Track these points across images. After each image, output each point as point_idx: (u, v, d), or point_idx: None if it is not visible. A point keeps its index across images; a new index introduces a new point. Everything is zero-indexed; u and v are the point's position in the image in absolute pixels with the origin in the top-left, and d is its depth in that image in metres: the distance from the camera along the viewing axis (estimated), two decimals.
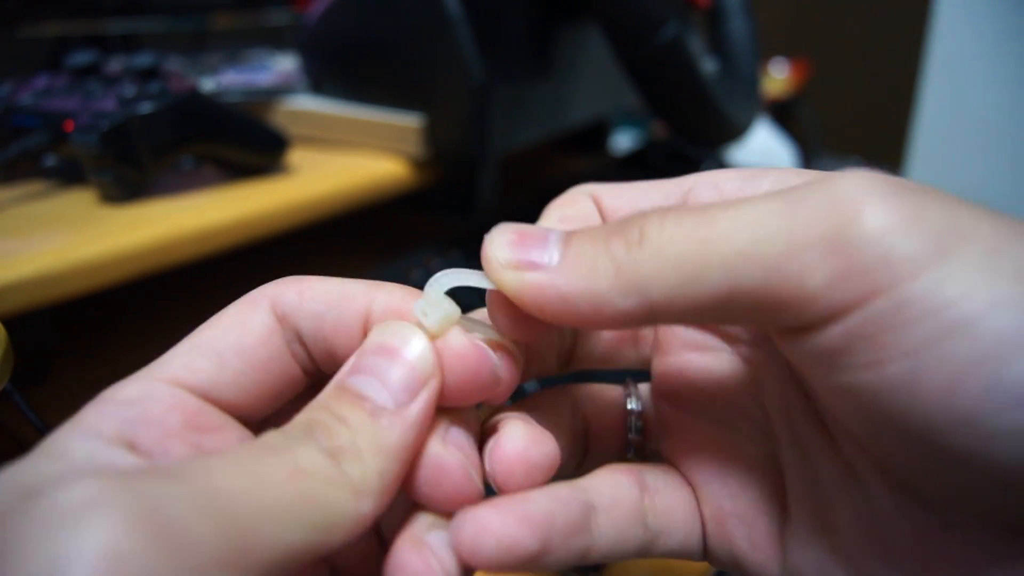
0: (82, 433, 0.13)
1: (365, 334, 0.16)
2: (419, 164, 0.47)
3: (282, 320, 0.16)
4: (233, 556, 0.11)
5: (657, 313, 0.13)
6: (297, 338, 0.16)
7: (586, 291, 0.14)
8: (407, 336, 0.15)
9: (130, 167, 0.36)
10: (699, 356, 0.19)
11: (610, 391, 0.21)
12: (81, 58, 0.42)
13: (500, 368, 0.16)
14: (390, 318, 0.16)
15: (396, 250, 0.53)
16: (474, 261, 0.15)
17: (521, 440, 0.16)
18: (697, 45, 0.41)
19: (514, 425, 0.16)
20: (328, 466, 0.13)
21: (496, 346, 0.16)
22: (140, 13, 0.58)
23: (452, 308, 0.15)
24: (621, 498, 0.17)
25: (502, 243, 0.15)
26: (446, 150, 0.46)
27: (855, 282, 0.12)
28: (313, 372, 0.17)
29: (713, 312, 0.13)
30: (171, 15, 0.61)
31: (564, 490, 0.16)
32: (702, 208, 0.13)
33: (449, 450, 0.15)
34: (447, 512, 0.15)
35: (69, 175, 0.39)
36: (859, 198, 0.12)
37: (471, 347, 0.15)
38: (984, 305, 0.11)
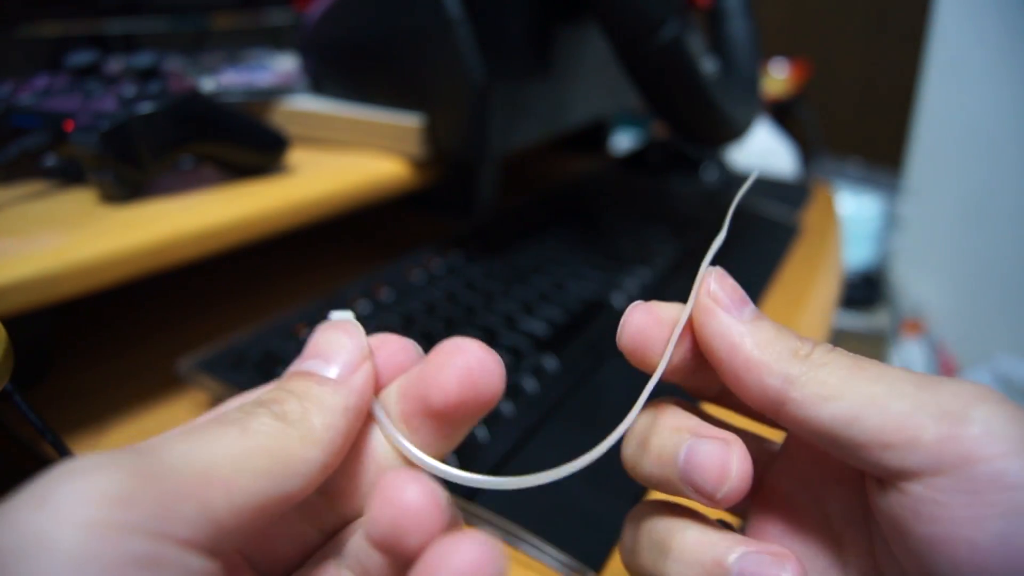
0: None
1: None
2: (419, 164, 0.47)
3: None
4: (197, 504, 0.12)
5: (784, 407, 0.16)
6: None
7: (752, 353, 0.17)
8: (347, 329, 0.17)
9: (130, 167, 0.36)
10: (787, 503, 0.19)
11: None
12: (81, 58, 0.42)
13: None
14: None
15: (396, 250, 0.52)
16: (474, 261, 0.15)
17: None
18: (697, 45, 0.40)
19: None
20: (276, 425, 0.15)
21: None
22: (140, 13, 0.58)
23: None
24: None
25: (722, 282, 0.18)
26: (446, 150, 0.46)
27: (959, 446, 0.14)
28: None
29: (827, 434, 0.16)
30: (171, 15, 0.61)
31: None
32: (859, 358, 0.17)
33: None
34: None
35: (69, 175, 0.39)
36: (977, 398, 0.15)
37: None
38: None
